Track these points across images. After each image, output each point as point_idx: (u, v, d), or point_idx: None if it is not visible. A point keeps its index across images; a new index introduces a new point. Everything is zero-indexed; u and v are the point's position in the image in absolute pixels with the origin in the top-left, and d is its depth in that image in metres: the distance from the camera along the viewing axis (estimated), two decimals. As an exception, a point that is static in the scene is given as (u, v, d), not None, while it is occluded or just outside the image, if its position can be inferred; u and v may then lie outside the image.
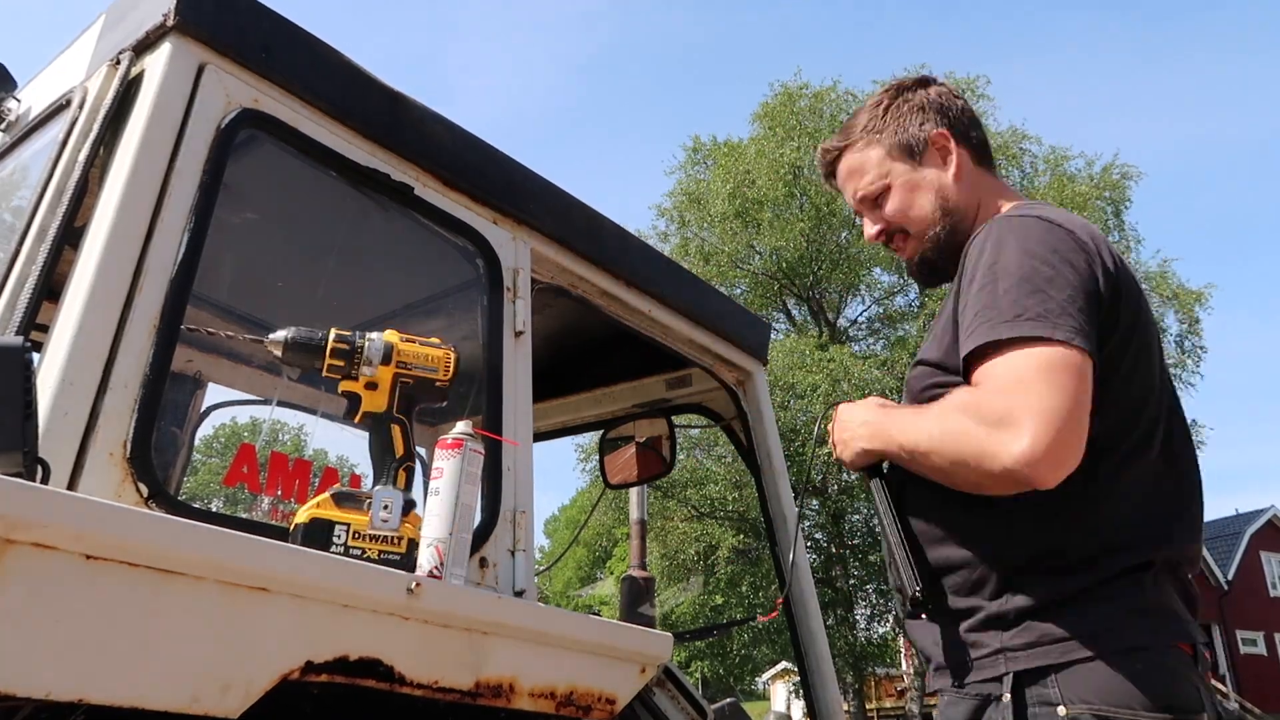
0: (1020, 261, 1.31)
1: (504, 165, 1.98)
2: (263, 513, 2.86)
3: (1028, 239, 1.34)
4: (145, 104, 1.39)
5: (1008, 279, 1.30)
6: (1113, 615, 1.25)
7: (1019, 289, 1.28)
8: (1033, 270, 1.29)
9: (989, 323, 1.28)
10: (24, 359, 1.04)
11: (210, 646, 1.08)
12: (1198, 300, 19.35)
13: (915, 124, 1.58)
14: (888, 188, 1.58)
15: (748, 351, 2.68)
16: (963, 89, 19.99)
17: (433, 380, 1.51)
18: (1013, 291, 1.28)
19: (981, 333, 1.28)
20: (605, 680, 1.52)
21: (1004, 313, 1.27)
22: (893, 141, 1.58)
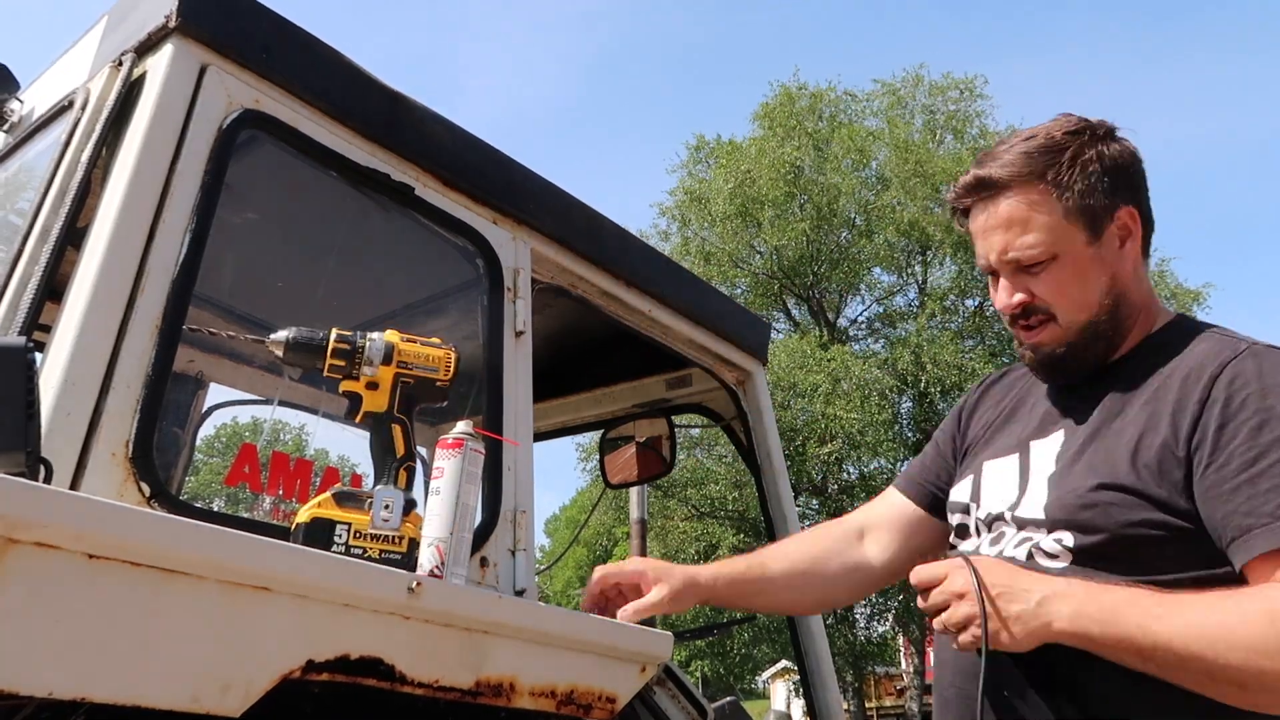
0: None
1: (504, 165, 1.98)
2: (264, 512, 2.87)
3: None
4: (147, 105, 1.40)
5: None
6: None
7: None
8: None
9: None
10: (26, 359, 1.04)
11: (211, 646, 1.08)
12: (1196, 300, 19.34)
13: (1105, 190, 1.28)
14: (1054, 258, 1.28)
15: (748, 351, 2.68)
16: (960, 89, 20.02)
17: (433, 380, 1.51)
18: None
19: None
20: (605, 679, 1.53)
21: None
22: (1074, 204, 1.27)
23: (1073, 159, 1.28)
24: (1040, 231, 1.28)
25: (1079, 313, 1.30)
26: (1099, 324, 1.31)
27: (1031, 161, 1.29)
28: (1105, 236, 1.30)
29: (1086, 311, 1.30)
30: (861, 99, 20.89)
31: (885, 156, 19.53)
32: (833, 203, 19.02)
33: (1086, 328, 1.31)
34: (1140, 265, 1.34)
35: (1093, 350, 1.32)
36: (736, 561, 1.62)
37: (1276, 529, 1.07)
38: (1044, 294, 1.30)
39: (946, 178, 18.50)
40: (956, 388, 17.12)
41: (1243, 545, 1.10)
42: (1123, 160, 1.32)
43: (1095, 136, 1.31)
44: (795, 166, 18.94)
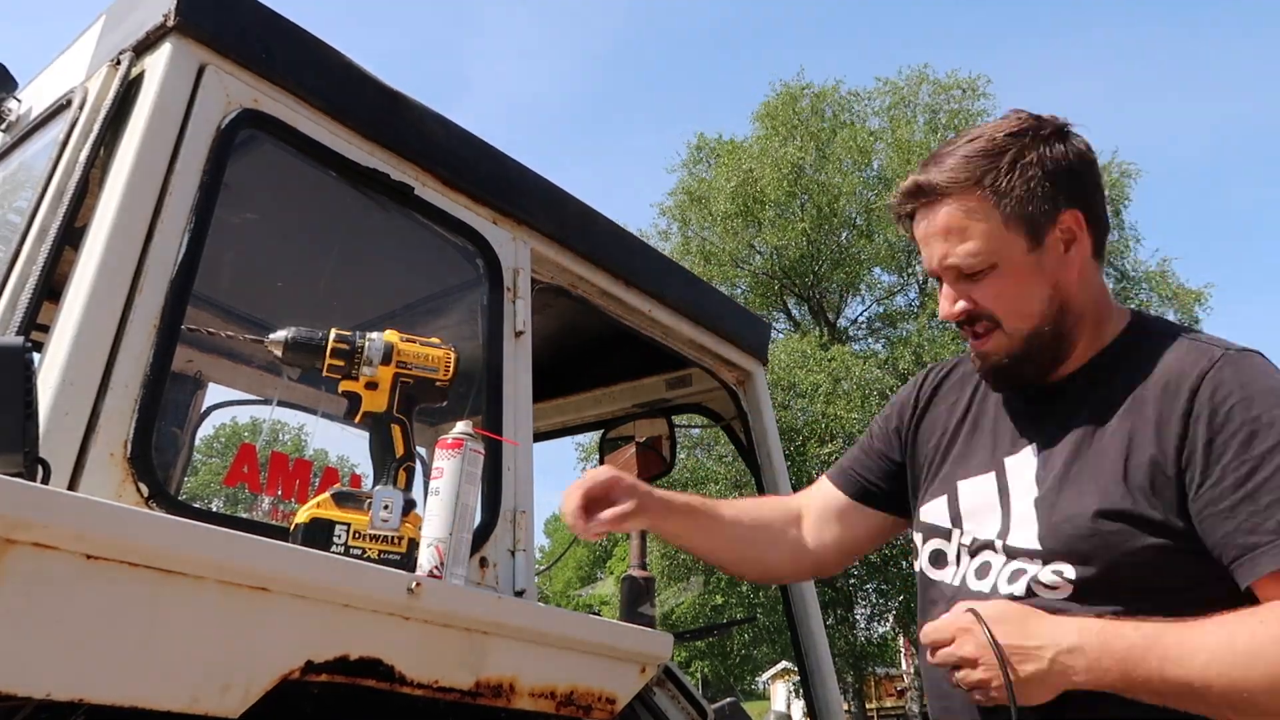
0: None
1: (504, 165, 1.98)
2: (263, 513, 2.87)
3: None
4: (146, 104, 1.40)
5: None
6: None
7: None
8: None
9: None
10: (24, 359, 1.04)
11: (210, 646, 1.08)
12: (1197, 300, 19.36)
13: (1044, 195, 1.24)
14: (993, 267, 1.26)
15: (748, 351, 2.68)
16: (964, 89, 20.02)
17: (433, 380, 1.51)
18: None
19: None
20: (605, 680, 1.52)
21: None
22: (1015, 212, 1.24)
23: (1012, 163, 1.25)
24: (978, 240, 1.25)
25: (1022, 321, 1.27)
26: (1043, 332, 1.28)
27: (970, 166, 1.26)
28: (1047, 242, 1.26)
29: (1029, 320, 1.27)
30: (864, 98, 20.91)
31: (887, 156, 19.53)
32: (834, 203, 19.03)
33: (1031, 335, 1.28)
34: (1090, 268, 1.30)
35: (1040, 358, 1.30)
36: (692, 497, 1.59)
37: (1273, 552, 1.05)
38: (986, 302, 1.28)
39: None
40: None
41: (1248, 564, 1.08)
42: (1068, 162, 1.27)
43: (1039, 137, 1.27)
44: (796, 166, 18.94)
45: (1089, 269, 1.30)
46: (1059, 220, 1.26)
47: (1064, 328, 1.28)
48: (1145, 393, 1.21)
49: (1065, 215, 1.26)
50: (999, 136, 1.27)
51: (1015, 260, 1.25)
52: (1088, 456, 1.22)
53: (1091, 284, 1.30)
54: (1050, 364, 1.31)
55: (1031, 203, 1.24)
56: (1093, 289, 1.31)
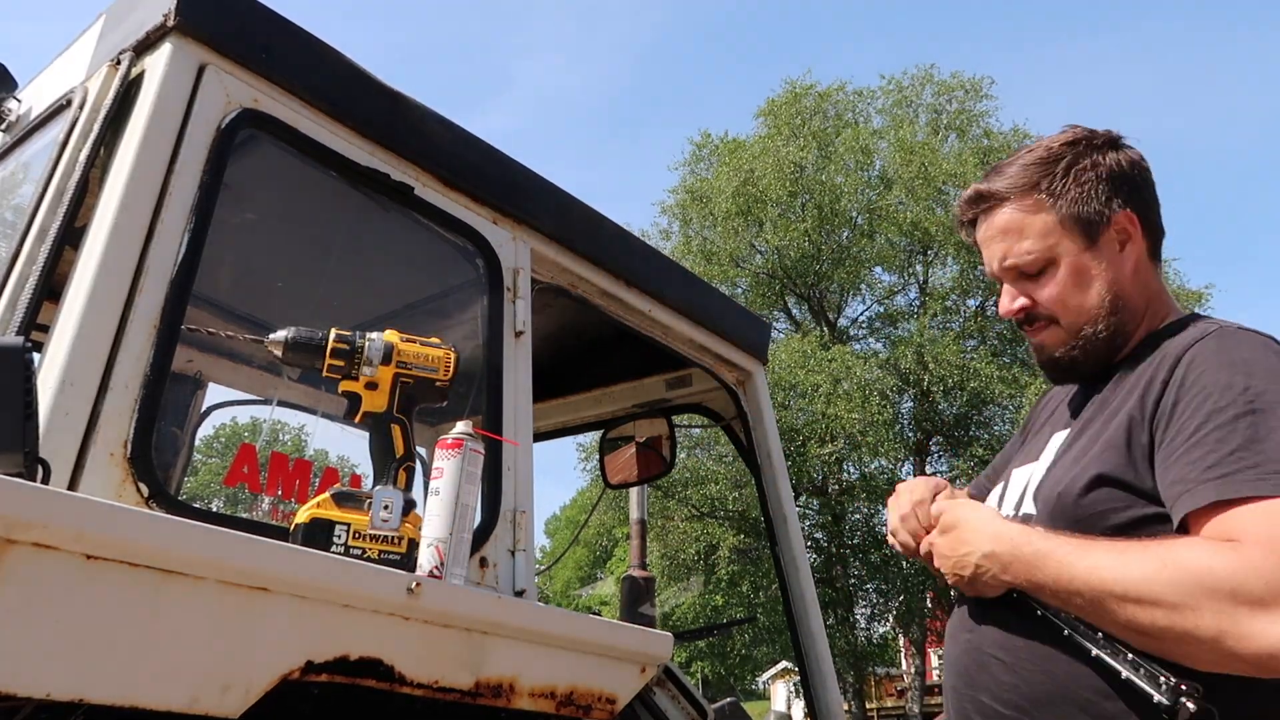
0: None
1: (504, 165, 1.98)
2: (263, 513, 2.87)
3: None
4: (145, 104, 1.40)
5: (1276, 416, 1.09)
6: None
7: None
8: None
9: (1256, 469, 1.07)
10: (24, 359, 1.04)
11: (210, 646, 1.08)
12: (1197, 300, 19.35)
13: (1101, 197, 1.31)
14: (1052, 263, 1.32)
15: (748, 351, 2.68)
16: (966, 89, 20.02)
17: (433, 380, 1.51)
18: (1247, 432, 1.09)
19: (1245, 480, 1.07)
20: (605, 680, 1.52)
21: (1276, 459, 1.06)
22: (1070, 211, 1.30)
23: (1067, 168, 1.32)
24: (1035, 238, 1.32)
25: (1078, 316, 1.33)
26: (1099, 327, 1.33)
27: (1028, 173, 1.34)
28: (1102, 241, 1.32)
29: (1086, 315, 1.33)
30: (867, 97, 20.92)
31: (888, 156, 19.53)
32: (835, 202, 19.02)
33: (1087, 330, 1.33)
34: (1145, 267, 1.35)
35: (1096, 352, 1.34)
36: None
37: (1202, 490, 1.09)
38: (1044, 299, 1.34)
39: (949, 178, 18.49)
40: (959, 387, 17.12)
41: (1177, 508, 1.12)
42: (1121, 167, 1.34)
43: (1092, 146, 1.34)
44: (798, 165, 18.94)
45: (1144, 269, 1.35)
46: (1113, 220, 1.32)
47: (1119, 323, 1.33)
48: (1149, 369, 1.27)
49: (1120, 216, 1.32)
50: (1055, 146, 1.35)
51: (1071, 258, 1.32)
52: (1092, 428, 1.29)
53: (1147, 284, 1.35)
54: (1106, 357, 1.35)
55: (1086, 204, 1.31)
56: (1148, 287, 1.35)
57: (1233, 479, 1.08)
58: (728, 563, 17.78)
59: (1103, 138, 1.36)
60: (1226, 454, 1.09)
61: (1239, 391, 1.13)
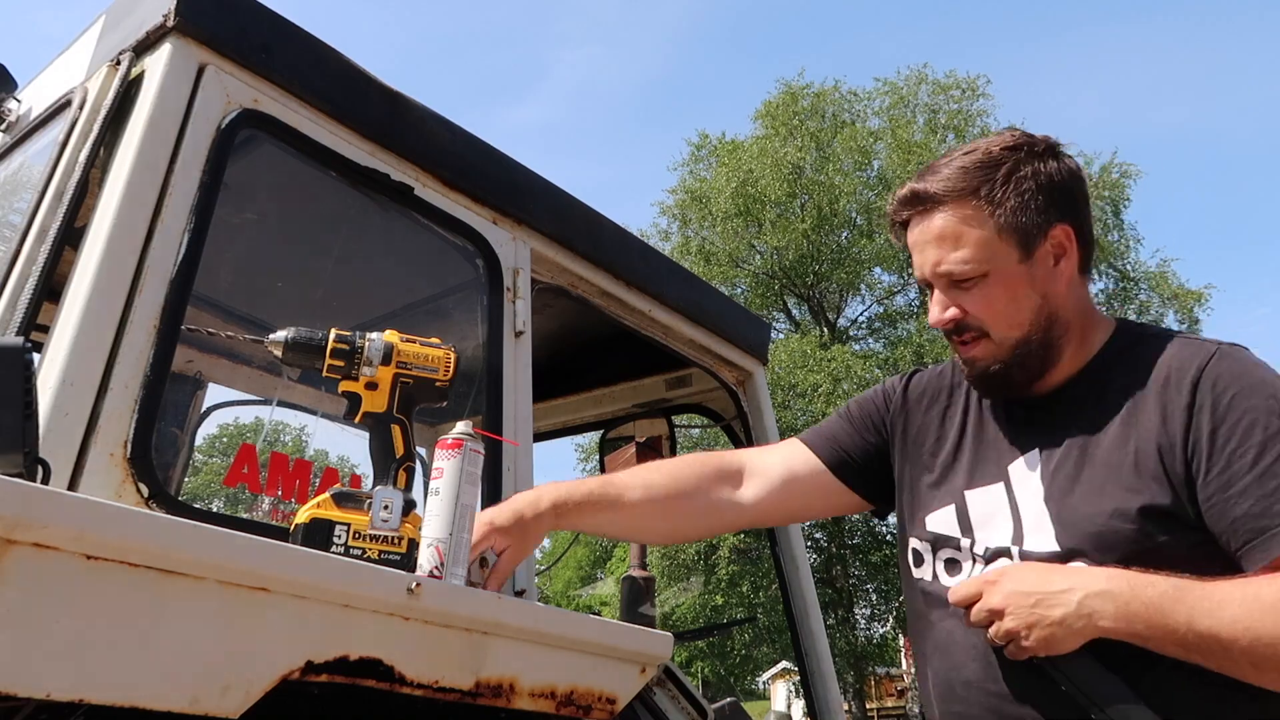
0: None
1: (504, 165, 1.98)
2: (263, 513, 2.87)
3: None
4: (145, 104, 1.39)
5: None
6: None
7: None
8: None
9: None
10: (24, 359, 1.04)
11: (210, 647, 1.08)
12: (1197, 300, 19.36)
13: (1037, 208, 1.27)
14: (984, 275, 1.28)
15: (748, 351, 2.68)
16: (963, 89, 20.03)
17: (433, 380, 1.51)
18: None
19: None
20: (605, 680, 1.52)
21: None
22: (1008, 222, 1.27)
23: (1007, 176, 1.28)
24: (972, 248, 1.28)
25: (1010, 330, 1.30)
26: (1031, 341, 1.30)
27: (967, 177, 1.29)
28: (1038, 254, 1.29)
29: (1018, 329, 1.29)
30: (864, 98, 20.92)
31: (886, 156, 19.54)
32: (834, 203, 19.03)
33: (1019, 345, 1.30)
34: (1077, 282, 1.33)
35: (1026, 367, 1.31)
36: (586, 483, 1.55)
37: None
38: (975, 310, 1.30)
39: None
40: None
41: (1260, 548, 1.09)
42: (1060, 178, 1.30)
43: (1033, 153, 1.31)
44: (797, 166, 18.94)
45: (1077, 282, 1.33)
46: (1050, 234, 1.29)
47: (1051, 338, 1.30)
48: (1145, 392, 1.23)
49: (1057, 229, 1.29)
50: (994, 150, 1.31)
51: (1006, 270, 1.28)
52: (1096, 456, 1.24)
53: (1079, 296, 1.33)
54: (1038, 372, 1.32)
55: (1024, 214, 1.27)
56: (1080, 301, 1.33)
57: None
58: (728, 563, 17.79)
59: (1042, 144, 1.33)
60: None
61: (1266, 417, 1.11)
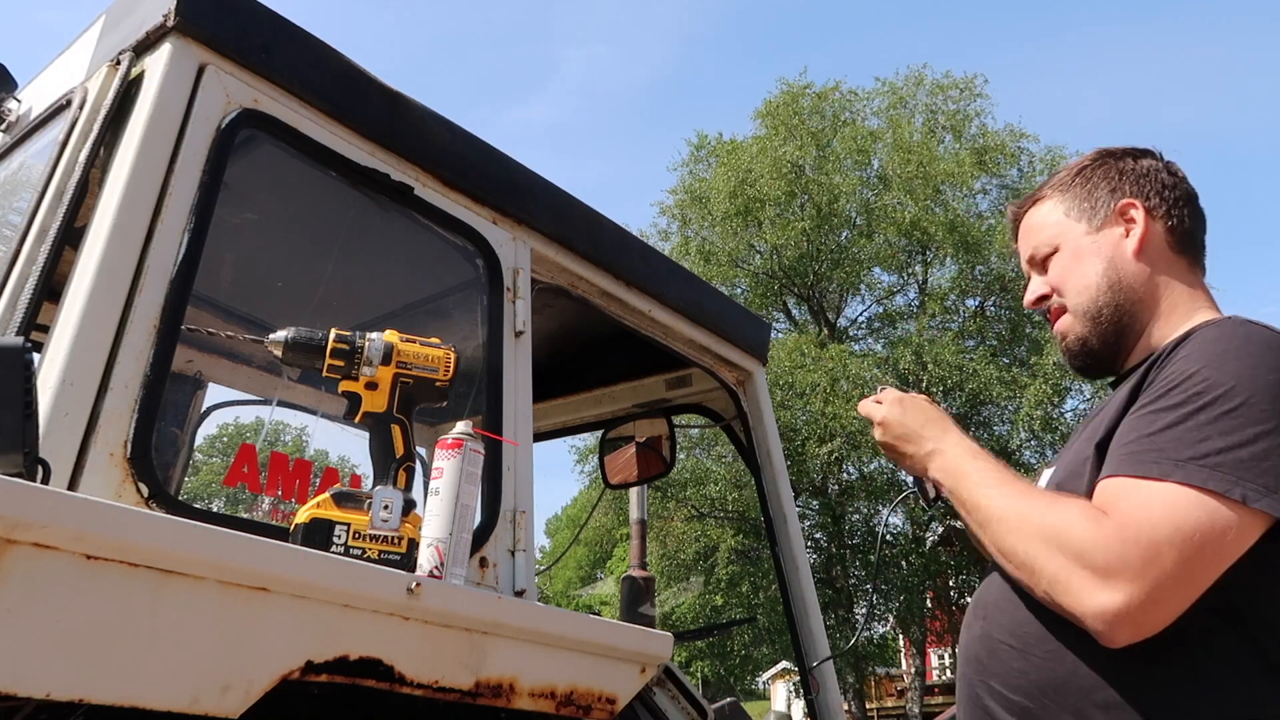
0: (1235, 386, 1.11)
1: (504, 165, 1.98)
2: (263, 513, 2.87)
3: (1258, 360, 1.13)
4: (145, 104, 1.39)
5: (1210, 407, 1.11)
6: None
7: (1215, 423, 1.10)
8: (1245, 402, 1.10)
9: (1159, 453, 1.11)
10: (24, 359, 1.04)
11: (210, 646, 1.08)
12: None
13: (1105, 188, 1.40)
14: (1056, 250, 1.42)
15: (747, 351, 2.68)
16: (960, 89, 20.03)
17: (433, 380, 1.51)
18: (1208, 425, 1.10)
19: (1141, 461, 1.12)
20: (605, 680, 1.52)
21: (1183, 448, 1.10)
22: (1074, 203, 1.42)
23: (1081, 170, 1.44)
24: (1048, 230, 1.44)
25: (1079, 295, 1.38)
26: (1102, 310, 1.35)
27: (1047, 185, 1.49)
28: (1104, 225, 1.39)
29: (1086, 292, 1.37)
30: (863, 98, 20.92)
31: (886, 156, 19.53)
32: (833, 202, 19.01)
33: (1091, 312, 1.36)
34: (1156, 256, 1.36)
35: (1106, 337, 1.36)
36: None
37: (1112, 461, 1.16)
38: (1052, 281, 1.42)
39: (947, 177, 18.49)
40: (958, 388, 17.12)
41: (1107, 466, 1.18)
42: (1130, 166, 1.41)
43: (1111, 154, 1.45)
44: (796, 166, 18.93)
45: (1155, 258, 1.36)
46: (1117, 207, 1.39)
47: (1122, 308, 1.35)
48: (1160, 359, 1.26)
49: (1123, 203, 1.38)
50: (1074, 163, 1.49)
51: (1074, 240, 1.41)
52: (1096, 419, 1.31)
53: (1156, 274, 1.36)
54: (1115, 347, 1.37)
55: (1091, 195, 1.41)
56: (1156, 279, 1.36)
57: (1135, 457, 1.14)
58: (727, 563, 17.78)
59: (1125, 149, 1.45)
60: (1146, 434, 1.15)
61: (1189, 378, 1.15)
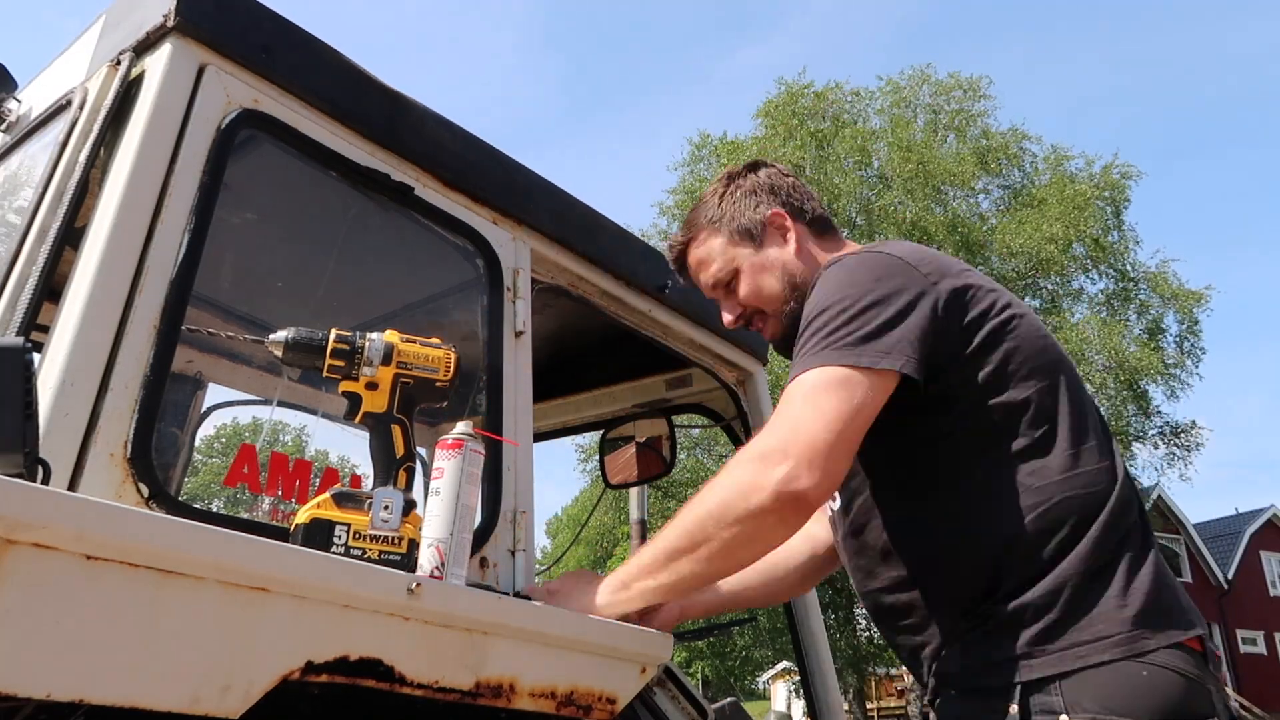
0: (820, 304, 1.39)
1: (504, 165, 1.98)
2: (263, 513, 2.87)
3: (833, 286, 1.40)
4: (145, 104, 1.39)
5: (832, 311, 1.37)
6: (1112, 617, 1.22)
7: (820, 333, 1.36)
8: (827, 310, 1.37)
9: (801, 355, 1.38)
10: (25, 359, 1.04)
11: (211, 647, 1.08)
12: (1197, 301, 19.35)
13: (750, 208, 1.63)
14: (736, 272, 1.63)
15: (748, 351, 2.68)
16: (964, 89, 20.03)
17: (433, 380, 1.51)
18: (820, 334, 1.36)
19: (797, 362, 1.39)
20: (606, 680, 1.52)
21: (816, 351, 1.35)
22: (732, 228, 1.63)
23: (720, 197, 1.67)
24: (718, 259, 1.65)
25: (773, 301, 1.61)
26: (792, 304, 1.58)
27: (694, 216, 1.69)
28: (767, 240, 1.63)
29: (778, 299, 1.61)
30: (865, 97, 20.91)
31: (887, 156, 19.53)
32: (834, 202, 19.00)
33: (786, 311, 1.60)
34: (808, 245, 1.63)
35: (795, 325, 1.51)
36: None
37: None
38: (746, 299, 1.64)
39: (948, 177, 18.49)
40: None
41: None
42: (760, 180, 1.66)
43: (734, 175, 1.69)
44: (797, 166, 18.92)
45: (808, 247, 1.63)
46: (769, 219, 1.63)
47: (802, 296, 1.56)
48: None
49: (771, 215, 1.63)
50: (710, 189, 1.70)
51: (747, 260, 1.63)
52: None
53: (814, 258, 1.62)
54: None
55: (741, 217, 1.64)
56: (815, 259, 1.61)
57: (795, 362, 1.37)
58: (727, 563, 17.74)
59: (743, 167, 1.70)
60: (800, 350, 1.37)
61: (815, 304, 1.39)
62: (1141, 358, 17.51)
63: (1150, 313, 19.63)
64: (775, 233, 1.63)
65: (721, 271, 1.64)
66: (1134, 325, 19.20)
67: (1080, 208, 18.27)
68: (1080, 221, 18.24)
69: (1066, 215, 18.17)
